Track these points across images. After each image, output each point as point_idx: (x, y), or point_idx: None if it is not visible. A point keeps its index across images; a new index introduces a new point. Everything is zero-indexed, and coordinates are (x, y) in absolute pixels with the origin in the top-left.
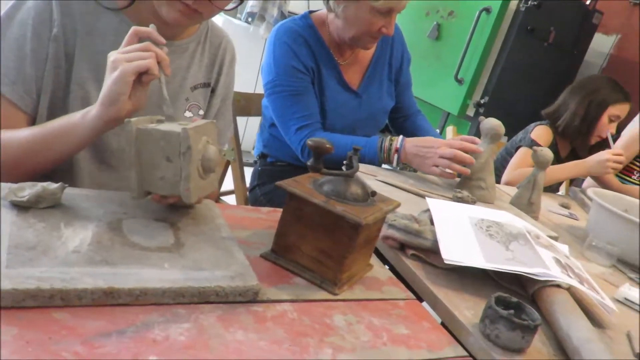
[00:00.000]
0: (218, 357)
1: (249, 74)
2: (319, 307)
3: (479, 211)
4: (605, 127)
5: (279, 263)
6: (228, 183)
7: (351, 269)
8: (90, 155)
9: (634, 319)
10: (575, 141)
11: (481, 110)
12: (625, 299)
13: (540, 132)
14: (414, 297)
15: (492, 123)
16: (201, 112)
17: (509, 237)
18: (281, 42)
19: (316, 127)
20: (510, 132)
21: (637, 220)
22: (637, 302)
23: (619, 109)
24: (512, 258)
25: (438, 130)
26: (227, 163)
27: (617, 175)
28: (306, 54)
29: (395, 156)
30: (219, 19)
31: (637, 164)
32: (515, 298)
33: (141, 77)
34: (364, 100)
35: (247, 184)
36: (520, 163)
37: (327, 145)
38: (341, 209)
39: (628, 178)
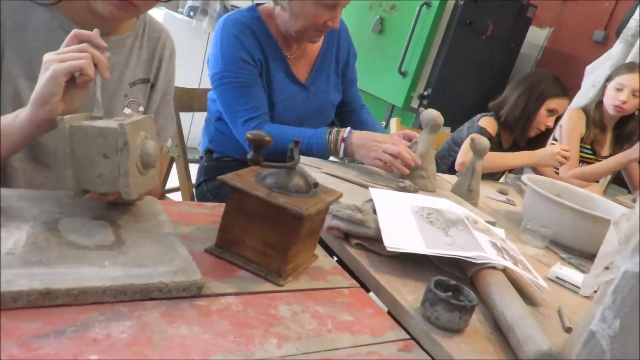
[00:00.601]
0: (162, 352)
1: (192, 69)
2: (264, 299)
3: (420, 199)
4: (543, 119)
5: (223, 257)
6: (173, 180)
7: (296, 259)
8: (25, 154)
9: (565, 296)
10: (516, 132)
11: (425, 102)
12: (557, 277)
13: (487, 122)
14: (358, 285)
15: (431, 114)
16: (141, 109)
17: (449, 223)
18: (228, 34)
19: (265, 119)
20: (454, 123)
21: (568, 203)
22: (568, 280)
23: (557, 103)
24: (451, 243)
25: (383, 123)
26: (172, 160)
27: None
28: (254, 46)
29: (342, 146)
30: (160, 14)
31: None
32: (454, 281)
33: (75, 79)
34: (311, 94)
35: (194, 181)
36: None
37: (267, 138)
38: (283, 201)
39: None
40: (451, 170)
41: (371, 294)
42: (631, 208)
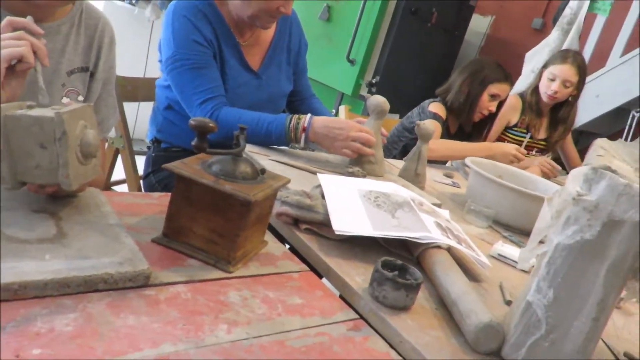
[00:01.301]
0: (108, 343)
1: (136, 57)
2: (213, 286)
3: (368, 184)
4: (486, 104)
5: (171, 246)
6: (119, 172)
7: (245, 246)
8: None
9: (506, 272)
10: (461, 117)
11: (373, 89)
12: (499, 254)
13: (437, 107)
14: (308, 269)
15: (377, 100)
16: (80, 98)
17: (395, 206)
18: (180, 16)
19: (222, 101)
20: (402, 109)
21: (509, 184)
22: (509, 256)
23: (498, 88)
24: (398, 225)
25: (333, 111)
26: (116, 151)
27: None
28: (207, 29)
29: (303, 135)
30: (100, 2)
31: (509, 135)
32: (401, 261)
33: (15, 67)
34: (264, 82)
35: (141, 172)
36: (435, 134)
37: (210, 125)
38: (230, 188)
39: None
40: (403, 155)
41: (324, 280)
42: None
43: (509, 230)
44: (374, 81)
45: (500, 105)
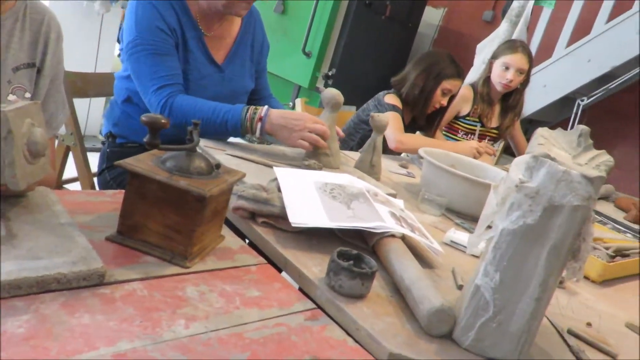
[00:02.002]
0: (63, 343)
1: (86, 52)
2: (170, 282)
3: (324, 176)
4: (438, 98)
5: (126, 244)
6: (71, 170)
7: (202, 241)
8: None
9: (459, 258)
10: (415, 110)
11: (330, 82)
12: (452, 241)
13: (393, 99)
14: (266, 262)
15: (331, 93)
16: (28, 95)
17: (350, 197)
18: (145, 3)
19: (179, 89)
20: (359, 101)
21: (461, 173)
22: (461, 242)
23: (451, 84)
24: (353, 216)
25: (290, 104)
26: (67, 149)
27: (445, 135)
28: (172, 17)
29: (259, 125)
30: None
31: (461, 124)
32: (356, 250)
33: None
34: (226, 76)
35: (95, 169)
36: (399, 126)
37: (163, 121)
38: (185, 183)
39: (453, 136)
40: (360, 147)
41: (284, 274)
42: None
43: (462, 218)
44: (330, 73)
45: (451, 99)
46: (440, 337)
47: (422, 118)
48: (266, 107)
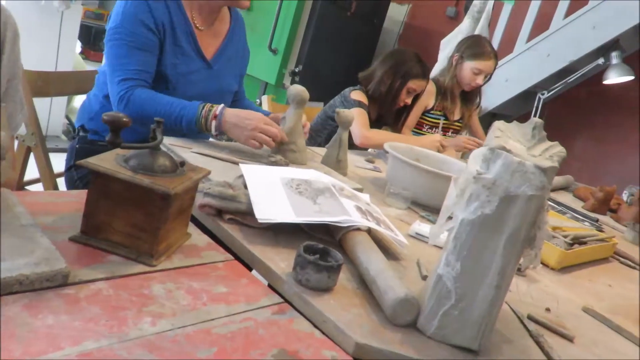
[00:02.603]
0: (27, 345)
1: (46, 50)
2: (136, 280)
3: (290, 172)
4: (403, 97)
5: (90, 244)
6: (32, 171)
7: (167, 239)
8: None
9: (423, 249)
10: (383, 107)
11: (296, 78)
12: (416, 233)
13: (360, 95)
14: (233, 258)
15: (297, 89)
16: None
17: (317, 192)
18: None
19: (143, 84)
20: (326, 97)
21: (424, 166)
22: (425, 234)
23: (417, 84)
24: (319, 210)
25: (257, 101)
26: (28, 149)
27: (413, 131)
28: (162, 11)
29: (214, 123)
30: None
31: (426, 118)
32: (323, 244)
33: None
34: (214, 73)
35: (63, 169)
36: (365, 122)
37: (124, 119)
38: (149, 182)
39: (418, 131)
40: (327, 143)
41: (254, 272)
42: None
43: (427, 210)
44: (296, 70)
45: (416, 98)
46: (405, 327)
47: (389, 115)
48: (222, 105)
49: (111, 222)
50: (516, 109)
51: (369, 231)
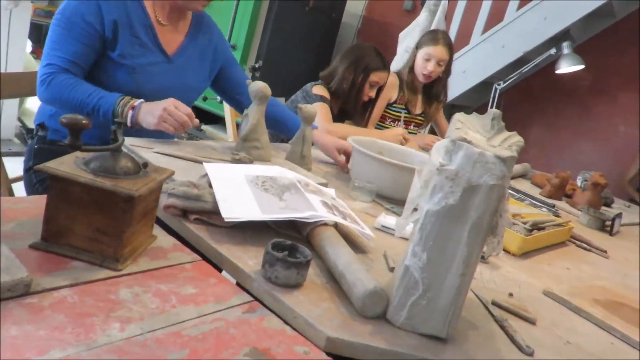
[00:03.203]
0: None
1: None
2: (101, 286)
3: (255, 169)
4: (367, 91)
5: (51, 250)
6: None
7: (132, 242)
8: None
9: (390, 241)
10: (348, 103)
11: (257, 74)
12: (382, 226)
13: (321, 90)
14: (200, 259)
15: (258, 86)
16: None
17: (282, 189)
18: None
19: (68, 72)
20: (287, 92)
21: (387, 159)
22: (391, 226)
23: (378, 76)
24: (285, 207)
25: (217, 98)
26: None
27: (377, 124)
28: (115, 5)
29: (130, 112)
30: None
31: (388, 111)
32: (290, 241)
33: None
34: (175, 68)
35: (20, 172)
36: (327, 116)
37: (84, 122)
38: (111, 184)
39: (381, 124)
40: (290, 139)
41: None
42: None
43: (391, 203)
44: (257, 66)
45: (379, 91)
46: (374, 318)
47: (355, 111)
48: (142, 100)
49: (73, 227)
50: (474, 100)
51: (336, 225)
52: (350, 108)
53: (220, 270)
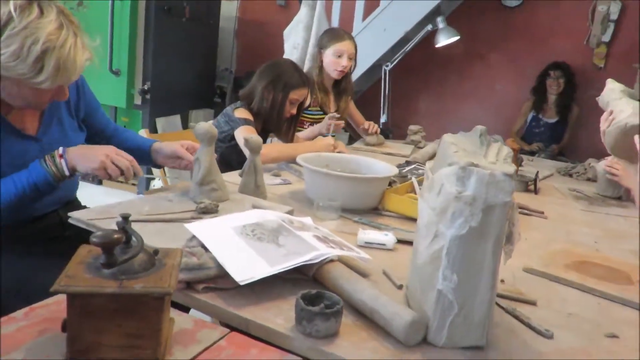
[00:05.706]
0: None
1: None
2: None
3: (235, 219)
4: (289, 108)
5: None
6: None
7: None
8: None
9: (378, 257)
10: (270, 122)
11: (147, 96)
12: (366, 242)
13: (244, 113)
14: (229, 331)
15: (204, 127)
16: None
17: (274, 233)
18: None
19: None
20: (182, 109)
21: (342, 174)
22: (374, 241)
23: (298, 94)
24: (287, 253)
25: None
26: None
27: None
28: None
29: (63, 162)
30: None
31: (306, 116)
32: (315, 290)
33: None
34: (46, 144)
35: None
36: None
37: (115, 236)
38: (141, 287)
39: (301, 129)
40: (224, 167)
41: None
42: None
43: (357, 214)
44: (146, 88)
45: (300, 107)
46: (418, 345)
47: (278, 130)
48: (60, 147)
49: (101, 340)
50: (365, 83)
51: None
52: (273, 127)
53: (239, 331)
